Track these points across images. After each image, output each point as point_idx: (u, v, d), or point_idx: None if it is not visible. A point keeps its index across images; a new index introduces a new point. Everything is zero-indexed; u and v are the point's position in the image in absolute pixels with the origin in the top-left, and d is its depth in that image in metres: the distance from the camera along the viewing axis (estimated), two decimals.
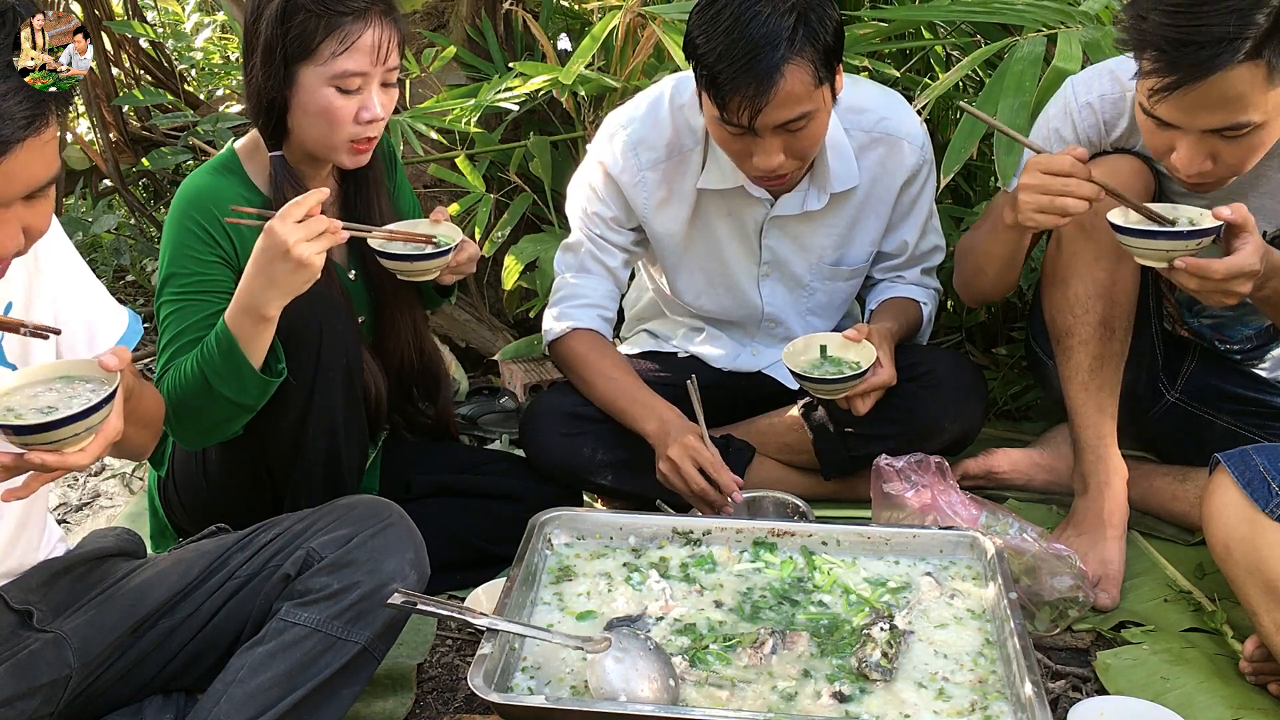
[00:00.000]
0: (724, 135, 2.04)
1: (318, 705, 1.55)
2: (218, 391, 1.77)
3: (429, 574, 1.69)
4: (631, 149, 2.25)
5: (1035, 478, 2.44)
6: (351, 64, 1.87)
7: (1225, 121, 1.73)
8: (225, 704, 1.51)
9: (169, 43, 4.11)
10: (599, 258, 2.33)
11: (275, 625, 1.56)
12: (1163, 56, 1.70)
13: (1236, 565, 1.76)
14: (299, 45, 1.87)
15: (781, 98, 1.93)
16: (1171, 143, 1.80)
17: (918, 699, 1.60)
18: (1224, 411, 2.27)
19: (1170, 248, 1.78)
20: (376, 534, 1.63)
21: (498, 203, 2.94)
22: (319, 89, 1.89)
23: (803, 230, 2.30)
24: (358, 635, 1.57)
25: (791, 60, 1.91)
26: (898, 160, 2.27)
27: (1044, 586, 1.95)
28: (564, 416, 2.30)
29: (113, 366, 1.38)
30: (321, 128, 1.92)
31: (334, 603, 1.56)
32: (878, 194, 2.30)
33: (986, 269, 2.17)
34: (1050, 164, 1.85)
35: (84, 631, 1.58)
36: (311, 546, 1.61)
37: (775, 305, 2.41)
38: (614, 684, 1.55)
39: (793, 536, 1.93)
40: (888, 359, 2.17)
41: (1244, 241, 1.75)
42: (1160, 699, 1.77)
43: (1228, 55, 1.65)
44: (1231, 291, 1.76)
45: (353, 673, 1.58)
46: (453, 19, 3.27)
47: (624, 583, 1.85)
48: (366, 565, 1.59)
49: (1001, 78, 2.26)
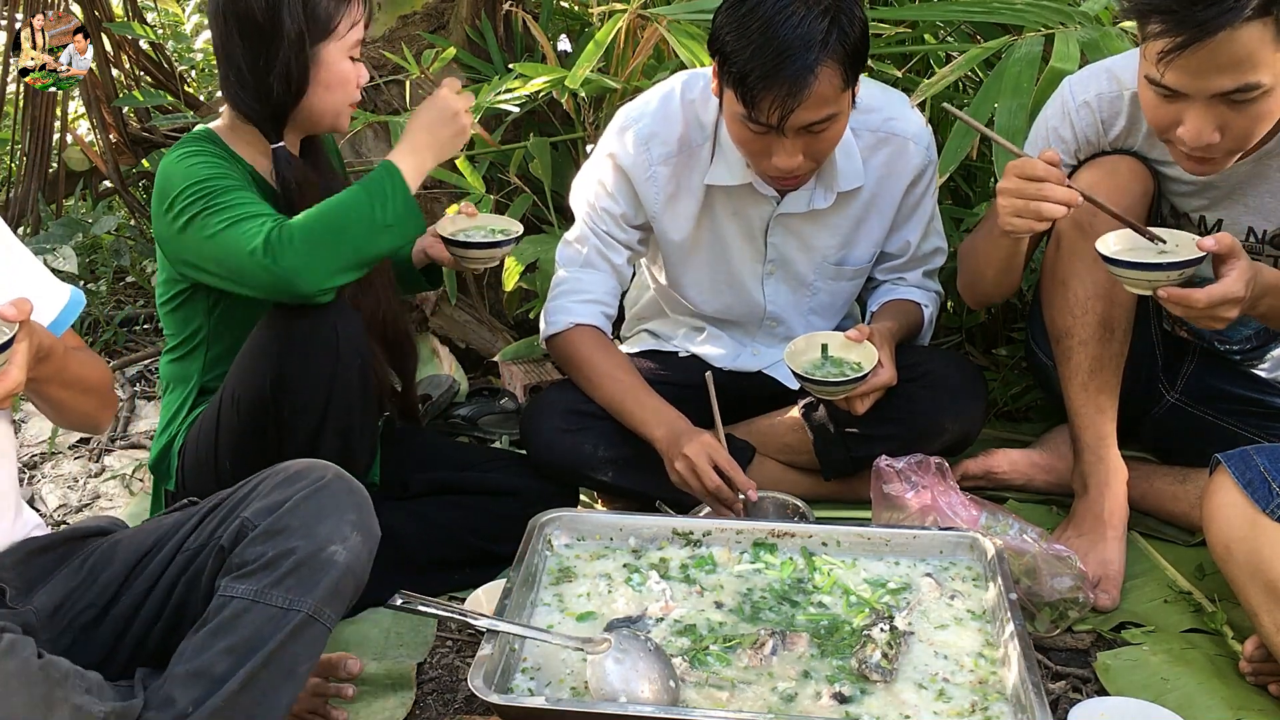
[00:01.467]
0: (745, 134, 2.04)
1: (270, 681, 1.48)
2: (376, 217, 1.87)
3: (379, 534, 1.61)
4: (644, 143, 2.25)
5: (1035, 478, 2.44)
6: (360, 33, 2.03)
7: (1235, 82, 1.71)
8: (169, 685, 1.46)
9: (169, 44, 4.11)
10: (604, 253, 2.33)
11: (216, 602, 1.51)
12: (1170, 17, 1.69)
13: (1237, 566, 1.76)
14: (322, 25, 1.97)
15: (813, 100, 1.94)
16: (1178, 115, 1.79)
17: (918, 700, 1.60)
18: (1224, 412, 2.27)
19: (1152, 279, 1.79)
20: (309, 496, 1.56)
21: (498, 204, 2.94)
22: (340, 61, 2.00)
23: (808, 229, 2.30)
24: (299, 604, 1.49)
25: (824, 63, 1.92)
26: (904, 161, 2.28)
27: (1044, 587, 1.95)
28: (565, 412, 2.29)
29: (10, 316, 1.38)
30: (339, 96, 2.03)
31: (270, 572, 1.50)
32: (884, 194, 2.30)
33: (985, 272, 2.17)
34: (1025, 168, 1.85)
35: (49, 608, 1.57)
36: (245, 516, 1.55)
37: (778, 304, 2.41)
38: (614, 685, 1.55)
39: (793, 537, 1.94)
40: (889, 360, 2.17)
41: (1230, 268, 1.75)
42: (1160, 700, 1.77)
43: (1236, 11, 1.64)
44: (1218, 317, 1.77)
45: (303, 643, 1.51)
46: (452, 20, 3.28)
47: (624, 584, 1.85)
48: (300, 530, 1.52)
49: (999, 78, 2.26)
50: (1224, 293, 1.73)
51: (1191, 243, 1.78)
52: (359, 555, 1.56)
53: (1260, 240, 2.04)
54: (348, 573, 1.53)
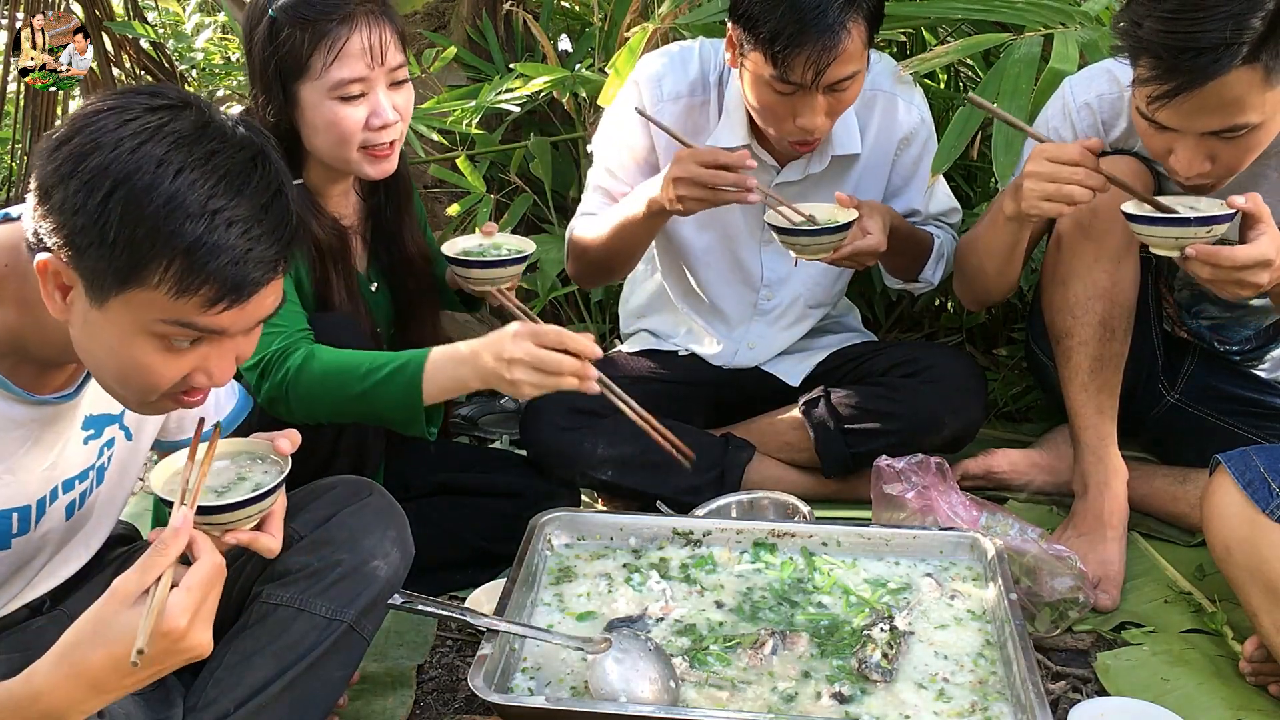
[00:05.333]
0: (771, 96, 2.05)
1: (310, 687, 1.54)
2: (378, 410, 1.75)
3: (414, 552, 1.67)
4: (655, 81, 2.28)
5: (1035, 478, 2.44)
6: (346, 71, 1.81)
7: (1224, 124, 1.72)
8: (213, 689, 1.49)
9: (169, 43, 4.11)
10: (615, 196, 2.32)
11: (258, 608, 1.55)
12: (1160, 64, 1.69)
13: (1237, 566, 1.76)
14: (291, 63, 1.81)
15: (844, 56, 1.98)
16: (1170, 145, 1.80)
17: (918, 700, 1.60)
18: (1224, 412, 2.27)
19: (1180, 235, 1.74)
20: (355, 512, 1.62)
21: (498, 203, 2.94)
22: (321, 104, 1.82)
23: (807, 196, 2.30)
24: (343, 614, 1.55)
25: (851, 18, 1.97)
26: (893, 116, 2.30)
27: (1044, 587, 1.95)
28: (565, 411, 2.29)
29: (286, 451, 1.40)
30: (333, 141, 1.85)
31: (315, 581, 1.55)
32: (877, 153, 2.32)
33: (987, 266, 2.16)
34: (1059, 153, 1.85)
35: (82, 609, 1.58)
36: (291, 525, 1.58)
37: (775, 271, 2.42)
38: (614, 685, 1.55)
39: (793, 537, 1.94)
40: (879, 228, 2.12)
41: (1259, 232, 1.72)
42: (1160, 700, 1.77)
43: (1225, 61, 1.65)
44: (1246, 282, 1.72)
45: (343, 653, 1.56)
46: (453, 20, 3.27)
47: (624, 583, 1.86)
48: (346, 543, 1.58)
49: (998, 78, 2.26)
50: (1256, 254, 1.70)
51: (1219, 206, 1.75)
52: (398, 571, 1.63)
53: None
54: (388, 587, 1.59)
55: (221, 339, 1.28)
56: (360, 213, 2.07)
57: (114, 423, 1.51)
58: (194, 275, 1.19)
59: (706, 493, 2.23)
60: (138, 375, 1.27)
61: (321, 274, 1.94)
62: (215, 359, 1.29)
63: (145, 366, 1.26)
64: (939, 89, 2.90)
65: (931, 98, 2.45)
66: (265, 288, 1.25)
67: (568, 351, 1.70)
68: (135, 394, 1.31)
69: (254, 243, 1.21)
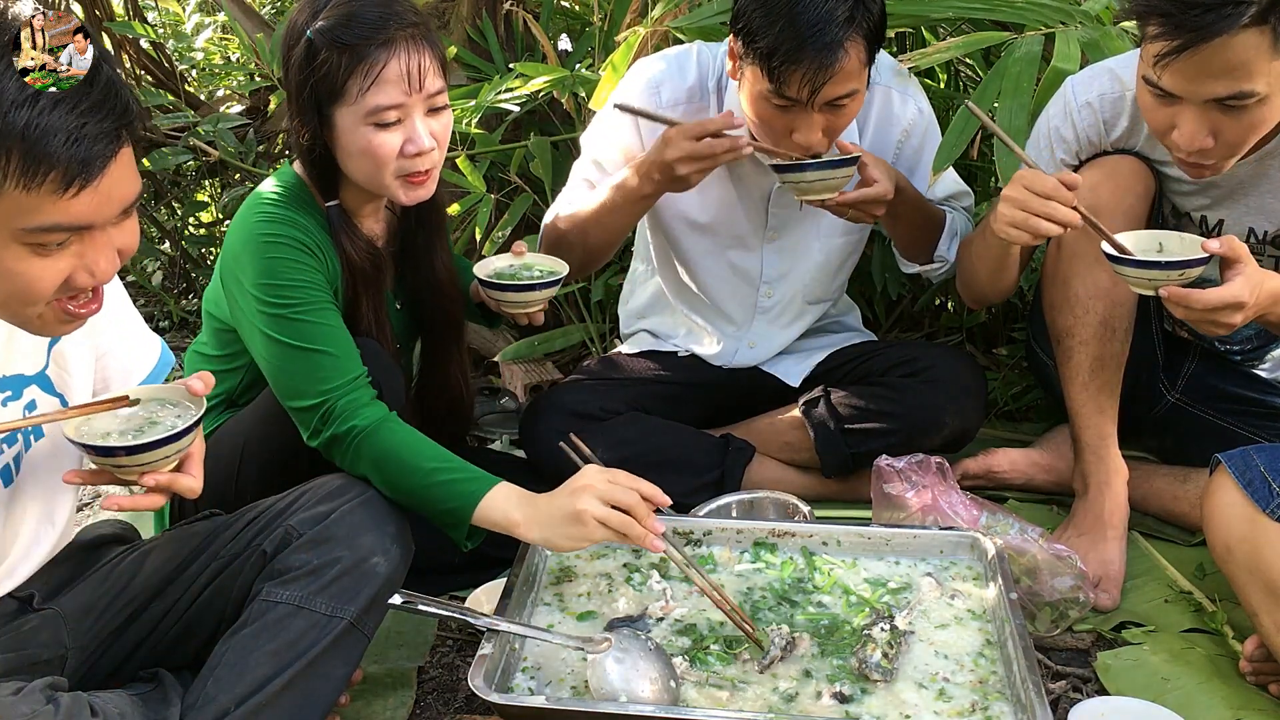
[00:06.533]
0: (769, 111, 2.05)
1: (310, 685, 1.54)
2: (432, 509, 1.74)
3: (414, 549, 1.67)
4: (653, 87, 2.27)
5: (1035, 478, 2.44)
6: (383, 98, 1.76)
7: (1229, 89, 1.71)
8: (213, 687, 1.50)
9: (169, 43, 4.11)
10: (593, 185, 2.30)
11: (258, 606, 1.55)
12: (1169, 20, 1.69)
13: (1237, 565, 1.76)
14: (327, 87, 1.77)
15: (841, 75, 1.97)
16: (1173, 119, 1.80)
17: (918, 699, 1.60)
18: (1224, 412, 2.27)
19: (1153, 277, 1.77)
20: (354, 510, 1.63)
21: (498, 203, 2.94)
22: (356, 129, 1.78)
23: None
24: (343, 612, 1.55)
25: (851, 38, 1.96)
26: (890, 110, 2.30)
27: (1044, 587, 1.95)
28: (565, 415, 2.30)
29: (200, 391, 1.42)
30: (368, 168, 1.82)
31: (315, 579, 1.55)
32: (877, 150, 2.31)
33: (979, 272, 2.17)
34: (1034, 182, 1.85)
35: (77, 611, 1.59)
36: (290, 524, 1.61)
37: (775, 268, 2.42)
38: (614, 684, 1.55)
39: (793, 537, 1.94)
40: (885, 176, 2.11)
41: (1236, 273, 1.74)
42: (1160, 699, 1.77)
43: (1234, 18, 1.65)
44: (1220, 322, 1.75)
45: (343, 650, 1.57)
46: (453, 19, 3.28)
47: (624, 583, 1.86)
48: (345, 540, 1.59)
49: (999, 78, 2.25)
50: (1226, 297, 1.72)
51: (1198, 246, 1.78)
52: (398, 568, 1.63)
53: (1261, 241, 2.04)
54: (388, 584, 1.60)
55: (93, 232, 1.28)
56: (390, 229, 2.05)
57: (30, 383, 1.50)
58: (36, 162, 1.20)
59: (706, 493, 2.23)
60: (16, 286, 1.27)
61: (351, 294, 1.93)
62: (92, 254, 1.29)
63: (21, 275, 1.26)
64: (939, 88, 2.90)
65: (932, 97, 2.45)
66: (112, 163, 1.25)
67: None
68: (19, 307, 1.31)
69: (85, 117, 1.22)
